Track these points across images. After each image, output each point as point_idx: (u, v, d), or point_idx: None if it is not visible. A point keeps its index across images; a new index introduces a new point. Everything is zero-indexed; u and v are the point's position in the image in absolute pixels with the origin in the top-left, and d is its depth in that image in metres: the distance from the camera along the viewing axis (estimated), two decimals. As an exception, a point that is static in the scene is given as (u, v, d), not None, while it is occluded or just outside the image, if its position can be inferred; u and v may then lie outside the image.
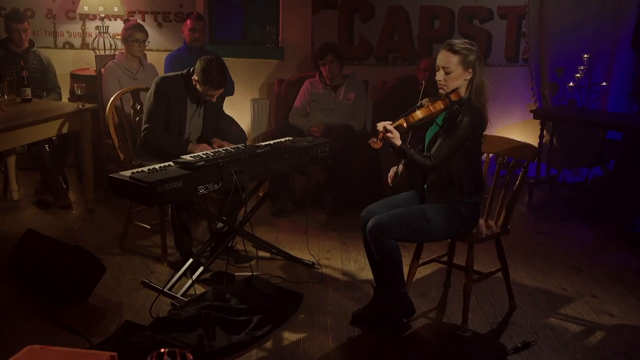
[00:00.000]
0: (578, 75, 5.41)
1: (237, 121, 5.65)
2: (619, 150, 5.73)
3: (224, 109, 5.54)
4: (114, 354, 1.98)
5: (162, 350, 1.41)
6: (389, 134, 3.02)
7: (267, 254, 4.25)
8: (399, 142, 3.04)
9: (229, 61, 5.71)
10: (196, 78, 3.92)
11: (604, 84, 5.59)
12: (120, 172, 3.42)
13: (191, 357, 1.41)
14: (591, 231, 4.83)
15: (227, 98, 5.65)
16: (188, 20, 5.44)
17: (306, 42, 6.09)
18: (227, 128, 5.25)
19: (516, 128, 6.07)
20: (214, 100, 4.05)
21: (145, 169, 3.42)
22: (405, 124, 3.08)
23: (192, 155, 3.57)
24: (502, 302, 3.64)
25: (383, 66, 6.10)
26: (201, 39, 5.45)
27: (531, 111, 5.61)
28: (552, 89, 5.97)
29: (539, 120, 5.62)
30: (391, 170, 3.39)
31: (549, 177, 5.75)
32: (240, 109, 6.11)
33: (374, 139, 3.06)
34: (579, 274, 4.08)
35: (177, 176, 3.31)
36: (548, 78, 5.96)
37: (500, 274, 3.60)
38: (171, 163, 3.52)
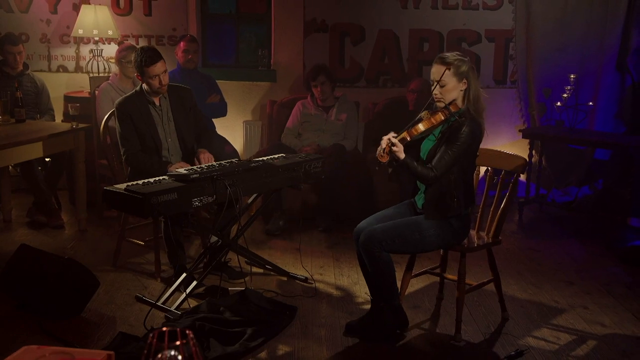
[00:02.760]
0: (565, 95, 5.51)
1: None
2: (606, 169, 5.81)
3: (217, 130, 5.62)
4: (111, 352, 1.99)
5: (164, 328, 1.43)
6: (394, 148, 3.03)
7: (260, 270, 4.26)
8: (403, 156, 3.06)
9: (221, 83, 5.80)
10: (138, 75, 4.00)
11: (591, 103, 5.69)
12: (115, 185, 3.45)
13: (191, 335, 1.43)
14: (581, 247, 4.88)
15: (219, 119, 5.72)
16: (181, 43, 5.52)
17: (298, 65, 6.18)
18: (221, 147, 5.28)
19: (505, 149, 6.10)
20: (165, 82, 4.00)
21: (139, 182, 3.45)
22: (408, 137, 3.11)
23: (187, 168, 3.61)
24: (495, 313, 3.67)
25: (374, 88, 6.19)
26: (194, 60, 5.53)
27: (520, 130, 5.71)
28: (540, 110, 6.07)
29: (527, 141, 5.70)
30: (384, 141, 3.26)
31: (539, 197, 5.82)
32: (232, 131, 6.16)
33: (381, 153, 3.06)
34: (570, 287, 4.11)
35: (172, 188, 3.35)
36: (536, 99, 6.06)
37: (492, 287, 3.65)
38: (165, 177, 3.56)
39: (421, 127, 3.11)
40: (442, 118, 3.14)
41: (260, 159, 4.05)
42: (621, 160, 5.61)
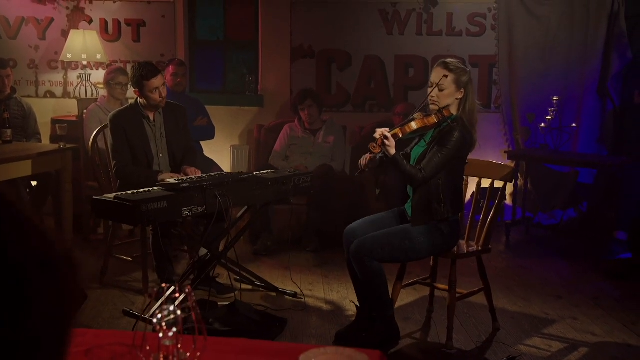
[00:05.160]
0: (549, 117, 5.60)
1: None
2: (590, 192, 5.88)
3: (205, 153, 5.64)
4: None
5: (163, 285, 1.43)
6: (386, 141, 3.08)
7: (249, 287, 4.22)
8: (394, 152, 3.11)
9: (209, 109, 5.83)
10: (137, 90, 4.03)
11: (574, 125, 5.79)
12: (105, 195, 3.44)
13: (190, 288, 1.42)
14: (568, 265, 4.90)
15: (207, 143, 5.74)
16: (170, 66, 5.57)
17: (285, 90, 6.25)
18: (208, 169, 5.28)
19: (491, 172, 6.21)
20: (164, 94, 4.04)
21: (129, 192, 3.45)
22: (401, 134, 3.16)
23: (177, 178, 3.61)
24: (486, 324, 3.66)
25: (360, 113, 6.26)
26: (183, 83, 5.57)
27: (505, 152, 5.77)
28: (524, 134, 6.15)
29: (512, 165, 5.76)
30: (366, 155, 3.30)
31: (525, 219, 5.85)
32: (220, 156, 6.16)
33: (373, 144, 3.11)
34: (558, 300, 4.12)
35: (162, 196, 3.35)
36: (520, 123, 6.15)
37: (482, 300, 3.65)
38: (155, 188, 3.55)
39: (414, 125, 3.16)
40: (435, 120, 3.19)
41: (250, 173, 4.06)
42: (605, 182, 5.69)
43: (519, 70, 6.12)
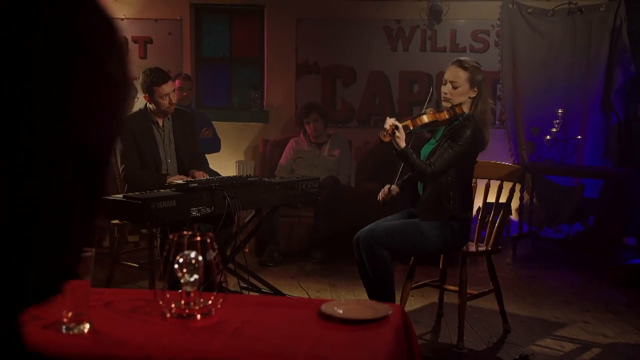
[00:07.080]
0: (554, 129, 5.62)
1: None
2: (596, 206, 5.87)
3: (210, 167, 5.64)
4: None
5: (185, 233, 1.42)
6: (397, 132, 3.09)
7: (256, 294, 4.19)
8: (403, 144, 3.11)
9: (214, 124, 5.86)
10: (146, 95, 4.04)
11: (579, 137, 5.80)
12: (113, 195, 3.44)
13: (211, 235, 1.41)
14: (576, 274, 4.87)
15: (213, 158, 5.74)
16: (176, 80, 5.60)
17: (290, 106, 6.28)
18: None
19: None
20: (174, 101, 4.07)
21: (137, 192, 3.45)
22: (411, 126, 3.17)
23: (185, 180, 3.61)
24: (496, 327, 3.62)
25: (365, 128, 6.28)
26: (189, 97, 5.61)
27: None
28: (529, 149, 6.17)
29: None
30: (385, 187, 3.42)
31: (531, 232, 5.84)
32: (225, 171, 6.13)
33: (384, 132, 3.12)
34: (568, 306, 4.08)
35: (171, 196, 3.34)
36: (524, 138, 6.17)
37: (491, 305, 3.64)
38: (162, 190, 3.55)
39: (425, 118, 3.17)
40: (447, 117, 3.20)
41: (258, 177, 4.06)
42: (611, 194, 5.69)
43: (522, 86, 6.17)
